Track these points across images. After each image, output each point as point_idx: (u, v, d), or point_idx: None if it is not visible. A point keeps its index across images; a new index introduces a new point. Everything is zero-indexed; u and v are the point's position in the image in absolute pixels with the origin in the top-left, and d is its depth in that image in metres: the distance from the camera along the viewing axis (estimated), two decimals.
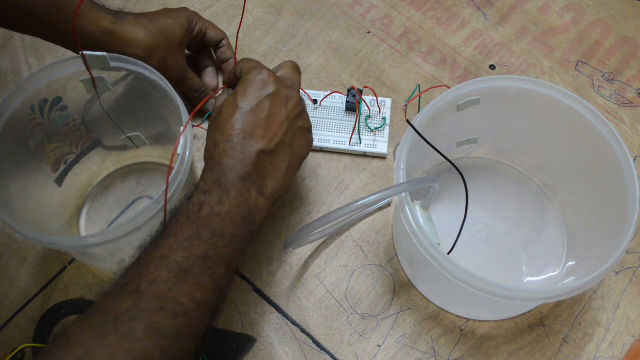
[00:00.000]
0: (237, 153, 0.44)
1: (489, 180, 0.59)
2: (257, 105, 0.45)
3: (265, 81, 0.46)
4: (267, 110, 0.46)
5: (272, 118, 0.46)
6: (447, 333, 0.53)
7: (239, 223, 0.42)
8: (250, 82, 0.46)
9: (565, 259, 0.55)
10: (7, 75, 0.65)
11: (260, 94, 0.46)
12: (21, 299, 0.54)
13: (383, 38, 0.67)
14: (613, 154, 0.47)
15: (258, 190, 0.44)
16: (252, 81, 0.46)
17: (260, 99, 0.46)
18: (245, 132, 0.45)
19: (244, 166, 0.44)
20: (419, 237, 0.43)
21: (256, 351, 0.52)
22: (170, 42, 0.56)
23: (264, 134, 0.45)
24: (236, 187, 0.43)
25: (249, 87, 0.46)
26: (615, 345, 0.52)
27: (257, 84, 0.46)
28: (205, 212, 0.41)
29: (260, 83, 0.46)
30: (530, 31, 0.68)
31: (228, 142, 0.44)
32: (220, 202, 0.42)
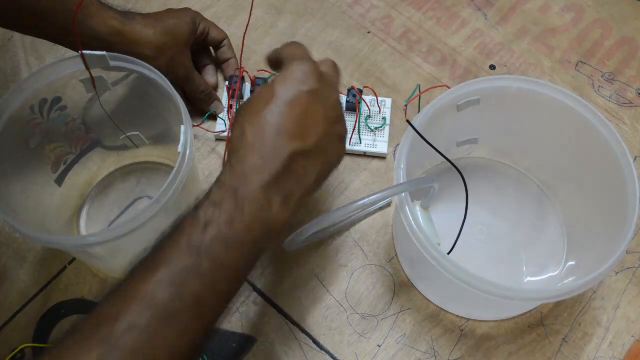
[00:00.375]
0: (267, 150, 0.38)
1: (489, 180, 0.59)
2: (295, 99, 0.40)
3: (307, 74, 0.41)
4: (305, 106, 0.40)
5: (310, 116, 0.40)
6: (447, 333, 0.53)
7: (248, 249, 0.37)
8: (291, 72, 0.41)
9: (565, 259, 0.55)
10: (7, 75, 0.65)
11: (300, 87, 0.40)
12: (21, 299, 0.54)
13: (383, 38, 0.67)
14: (613, 154, 0.47)
15: (283, 199, 0.38)
16: (294, 71, 0.41)
17: (299, 92, 0.40)
18: (280, 126, 0.39)
19: (272, 167, 0.38)
20: (419, 237, 0.43)
21: (256, 351, 0.52)
22: (177, 42, 0.56)
23: (300, 132, 0.39)
24: (255, 200, 0.37)
25: (289, 77, 0.41)
26: (615, 345, 0.52)
27: (298, 75, 0.41)
28: (210, 234, 0.35)
29: (302, 75, 0.41)
30: (530, 31, 0.68)
31: (257, 135, 0.39)
32: (230, 221, 0.36)
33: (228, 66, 0.64)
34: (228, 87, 0.61)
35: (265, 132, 0.39)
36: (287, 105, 0.40)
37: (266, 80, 0.62)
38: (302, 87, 0.40)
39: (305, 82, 0.41)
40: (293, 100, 0.40)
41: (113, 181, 0.59)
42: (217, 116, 0.61)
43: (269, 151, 0.38)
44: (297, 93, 0.40)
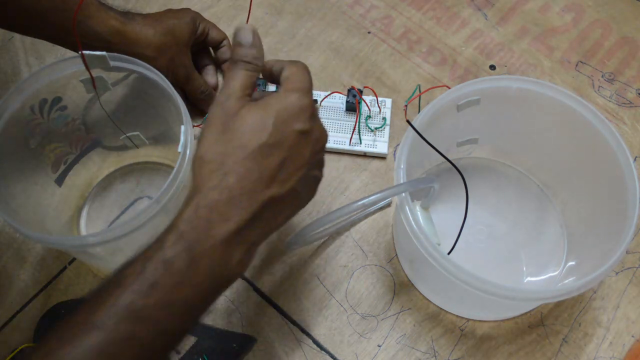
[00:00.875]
0: (243, 197, 0.34)
1: (489, 180, 0.59)
2: (286, 138, 0.36)
3: (305, 111, 0.37)
4: (293, 147, 0.36)
5: (295, 159, 0.37)
6: (447, 333, 0.53)
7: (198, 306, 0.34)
8: (290, 104, 0.37)
9: (565, 259, 0.55)
10: (7, 75, 0.65)
11: (294, 125, 0.36)
12: (21, 299, 0.54)
13: (383, 38, 0.67)
14: (613, 154, 0.47)
15: (245, 250, 0.35)
16: (293, 105, 0.37)
17: (291, 130, 0.36)
18: (264, 169, 0.35)
19: (241, 216, 0.34)
20: (419, 237, 0.43)
21: (256, 351, 0.52)
22: (178, 42, 0.56)
23: (281, 177, 0.36)
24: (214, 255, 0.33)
25: (285, 111, 0.36)
26: (615, 345, 0.52)
27: (295, 111, 0.37)
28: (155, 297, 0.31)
29: (297, 111, 0.37)
30: (530, 31, 0.68)
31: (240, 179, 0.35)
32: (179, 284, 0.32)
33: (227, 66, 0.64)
34: None
35: (248, 176, 0.35)
36: (276, 146, 0.36)
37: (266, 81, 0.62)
38: (296, 125, 0.37)
39: (300, 120, 0.37)
40: (284, 139, 0.36)
41: (113, 181, 0.59)
42: None
43: (244, 198, 0.34)
44: (290, 131, 0.36)
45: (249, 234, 0.35)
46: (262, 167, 0.35)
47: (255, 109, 0.36)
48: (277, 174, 0.36)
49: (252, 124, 0.36)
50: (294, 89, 0.38)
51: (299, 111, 0.37)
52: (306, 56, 0.66)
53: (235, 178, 0.35)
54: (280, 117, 0.36)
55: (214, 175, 0.35)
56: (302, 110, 0.37)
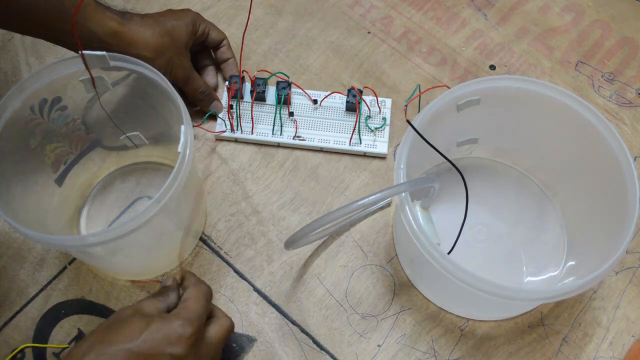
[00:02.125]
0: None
1: (489, 180, 0.59)
2: (151, 356, 0.38)
3: (181, 339, 0.39)
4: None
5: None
6: (447, 333, 0.53)
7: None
8: (168, 329, 0.40)
9: (565, 259, 0.55)
10: (7, 75, 0.65)
11: (165, 348, 0.39)
12: (21, 299, 0.54)
13: (383, 38, 0.67)
14: (613, 154, 0.47)
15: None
16: (171, 330, 0.40)
17: (160, 352, 0.39)
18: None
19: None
20: (419, 237, 0.43)
21: (256, 351, 0.52)
22: (176, 44, 0.56)
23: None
24: None
25: (162, 332, 0.39)
26: (615, 345, 0.52)
27: (171, 335, 0.39)
28: None
29: (175, 337, 0.39)
30: (530, 31, 0.68)
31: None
32: None
33: (227, 66, 0.64)
34: (228, 87, 0.61)
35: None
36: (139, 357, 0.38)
37: (266, 81, 0.62)
38: (167, 348, 0.39)
39: (173, 345, 0.39)
40: (149, 355, 0.38)
41: (113, 181, 0.59)
42: (217, 116, 0.61)
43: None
44: (158, 350, 0.39)
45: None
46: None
47: (140, 319, 0.40)
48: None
49: (130, 329, 0.39)
50: (181, 315, 0.41)
51: (177, 337, 0.39)
52: (306, 56, 0.66)
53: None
54: (157, 335, 0.39)
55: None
56: (180, 337, 0.40)
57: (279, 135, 0.61)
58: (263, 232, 0.57)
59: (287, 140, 0.60)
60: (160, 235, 0.52)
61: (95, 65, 0.48)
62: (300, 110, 0.62)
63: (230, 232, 0.57)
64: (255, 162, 0.60)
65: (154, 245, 0.53)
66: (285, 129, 0.61)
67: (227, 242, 0.57)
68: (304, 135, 0.61)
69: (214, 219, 0.58)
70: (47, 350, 0.52)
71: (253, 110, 0.61)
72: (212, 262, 0.56)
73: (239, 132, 0.61)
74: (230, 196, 0.59)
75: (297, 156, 0.61)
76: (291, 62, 0.66)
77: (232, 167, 0.60)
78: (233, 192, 0.59)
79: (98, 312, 0.54)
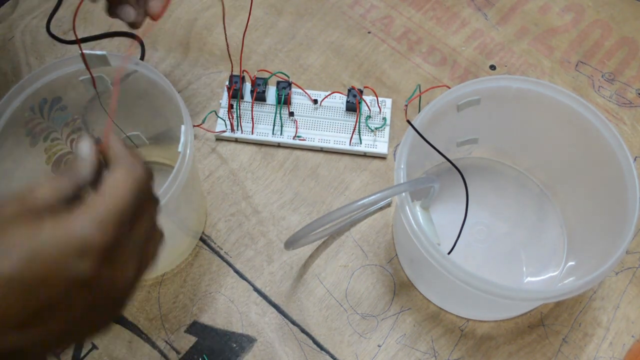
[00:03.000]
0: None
1: (489, 180, 0.59)
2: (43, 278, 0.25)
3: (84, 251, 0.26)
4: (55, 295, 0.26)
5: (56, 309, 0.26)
6: (447, 333, 0.53)
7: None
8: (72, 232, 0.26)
9: (565, 259, 0.55)
10: (7, 75, 0.65)
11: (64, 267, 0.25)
12: None
13: (383, 38, 0.67)
14: (613, 154, 0.47)
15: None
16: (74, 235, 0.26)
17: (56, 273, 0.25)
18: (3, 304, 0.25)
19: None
20: (419, 237, 0.43)
21: (256, 351, 0.52)
22: None
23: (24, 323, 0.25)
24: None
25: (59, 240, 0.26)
26: (615, 346, 0.52)
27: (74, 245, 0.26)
28: None
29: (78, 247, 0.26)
30: (530, 31, 0.68)
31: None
32: None
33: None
34: (228, 86, 0.61)
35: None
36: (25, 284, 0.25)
37: (266, 81, 0.62)
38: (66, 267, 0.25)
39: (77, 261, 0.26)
40: (39, 280, 0.25)
41: None
42: (218, 116, 0.61)
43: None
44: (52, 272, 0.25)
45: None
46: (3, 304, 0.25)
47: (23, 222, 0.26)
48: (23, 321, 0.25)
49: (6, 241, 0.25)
50: (89, 212, 0.27)
51: (81, 249, 0.26)
52: (306, 56, 0.66)
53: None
54: (49, 249, 0.25)
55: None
56: (85, 250, 0.26)
57: (279, 135, 0.61)
58: (263, 232, 0.57)
59: (287, 140, 0.60)
60: None
61: (95, 65, 0.48)
62: (301, 110, 0.62)
63: (230, 232, 0.57)
64: (256, 162, 0.60)
65: None
66: (286, 129, 0.61)
67: (227, 242, 0.57)
68: (304, 135, 0.61)
69: (214, 219, 0.58)
70: None
71: (253, 110, 0.61)
72: (212, 262, 0.56)
73: (239, 132, 0.61)
74: (230, 196, 0.59)
75: (297, 156, 0.61)
76: (291, 62, 0.66)
77: (232, 167, 0.60)
78: (233, 192, 0.59)
79: None
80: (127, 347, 0.52)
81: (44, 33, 0.67)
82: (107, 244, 0.26)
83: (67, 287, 0.26)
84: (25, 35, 0.67)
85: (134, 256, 0.29)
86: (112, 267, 0.27)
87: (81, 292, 0.26)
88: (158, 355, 0.52)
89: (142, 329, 0.53)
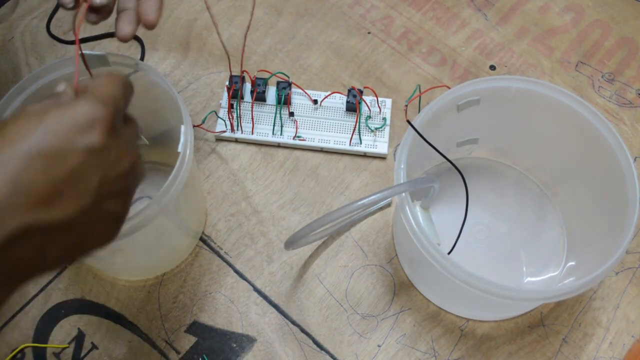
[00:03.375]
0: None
1: (489, 180, 0.59)
2: (59, 152, 0.28)
3: (95, 122, 0.29)
4: (70, 166, 0.28)
5: (72, 182, 0.28)
6: (447, 333, 0.53)
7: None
8: (74, 114, 0.29)
9: (565, 259, 0.55)
10: (7, 75, 0.65)
11: (75, 140, 0.29)
12: (21, 299, 0.54)
13: (383, 38, 0.67)
14: (613, 154, 0.47)
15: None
16: (78, 115, 0.29)
17: (70, 146, 0.28)
18: (16, 184, 0.27)
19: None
20: (419, 237, 0.43)
21: (256, 351, 0.52)
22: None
23: (48, 198, 0.28)
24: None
25: (66, 119, 0.29)
26: (615, 346, 0.52)
27: (79, 122, 0.29)
28: None
29: (85, 123, 0.29)
30: (530, 31, 0.68)
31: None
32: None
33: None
34: (228, 86, 0.61)
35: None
36: (43, 156, 0.28)
37: (266, 81, 0.62)
38: (78, 139, 0.29)
39: (85, 134, 0.29)
40: (55, 152, 0.28)
41: None
42: (218, 116, 0.61)
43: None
44: (66, 144, 0.28)
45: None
46: (20, 182, 0.27)
47: (28, 114, 0.29)
48: (46, 194, 0.27)
49: (18, 127, 0.28)
50: (88, 97, 0.30)
51: (87, 123, 0.29)
52: (306, 56, 0.66)
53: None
54: (58, 126, 0.28)
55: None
56: (91, 122, 0.29)
57: (279, 135, 0.61)
58: (263, 232, 0.57)
59: (287, 140, 0.60)
60: (160, 235, 0.52)
61: (95, 65, 0.48)
62: (301, 110, 0.62)
63: (230, 232, 0.57)
64: (255, 162, 0.60)
65: (154, 245, 0.53)
66: (286, 129, 0.61)
67: (227, 242, 0.57)
68: (304, 135, 0.61)
69: (214, 219, 0.58)
70: (47, 350, 0.52)
71: (253, 110, 0.61)
72: (212, 262, 0.56)
73: (239, 132, 0.61)
74: (230, 196, 0.59)
75: (297, 156, 0.61)
76: (291, 62, 0.66)
77: (232, 167, 0.60)
78: (233, 192, 0.59)
79: (98, 312, 0.54)
80: (127, 347, 0.52)
81: (44, 33, 0.67)
82: (110, 117, 0.30)
83: (81, 157, 0.29)
84: (25, 36, 0.67)
85: (130, 149, 0.32)
86: (117, 141, 0.31)
87: (94, 162, 0.29)
88: (158, 355, 0.52)
89: (142, 329, 0.53)
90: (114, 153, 0.30)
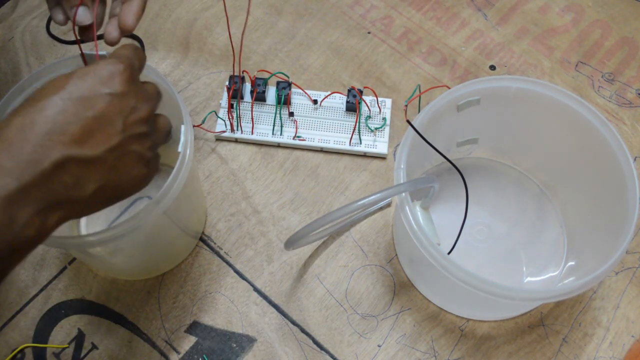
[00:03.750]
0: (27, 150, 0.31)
1: (489, 180, 0.59)
2: (88, 97, 0.34)
3: (115, 74, 0.35)
4: (98, 109, 0.34)
5: (102, 122, 0.34)
6: (447, 333, 0.53)
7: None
8: (96, 67, 0.35)
9: (565, 259, 0.55)
10: (7, 75, 0.65)
11: (100, 87, 0.34)
12: (21, 299, 0.54)
13: (383, 38, 0.67)
14: (613, 154, 0.47)
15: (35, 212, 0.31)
16: (99, 68, 0.35)
17: (96, 91, 0.34)
18: (55, 123, 0.32)
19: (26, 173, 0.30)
20: (419, 237, 0.43)
21: (256, 351, 0.52)
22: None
23: (81, 136, 0.33)
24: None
25: (90, 73, 0.35)
26: (615, 345, 0.52)
27: (102, 73, 0.35)
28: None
29: (107, 74, 0.35)
30: (530, 31, 0.68)
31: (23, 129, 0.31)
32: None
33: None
34: (228, 86, 0.61)
35: (34, 126, 0.31)
36: (75, 102, 0.33)
37: (266, 81, 0.62)
38: (102, 88, 0.34)
39: (108, 83, 0.35)
40: (84, 98, 0.34)
41: None
42: (218, 116, 0.61)
43: (28, 152, 0.31)
44: (93, 91, 0.34)
45: (39, 195, 0.31)
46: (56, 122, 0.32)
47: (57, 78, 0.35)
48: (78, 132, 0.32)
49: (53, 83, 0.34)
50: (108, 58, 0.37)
51: (108, 74, 0.35)
52: (306, 56, 0.66)
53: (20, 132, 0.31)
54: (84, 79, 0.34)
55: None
56: (111, 73, 0.35)
57: (279, 135, 0.61)
58: (263, 232, 0.57)
59: (287, 140, 0.60)
60: (160, 235, 0.52)
61: None
62: (300, 111, 0.62)
63: (230, 232, 0.57)
64: (255, 162, 0.60)
65: (154, 245, 0.53)
66: (285, 129, 0.61)
67: (227, 242, 0.57)
68: (304, 135, 0.61)
69: (214, 219, 0.58)
70: (47, 350, 0.52)
71: (253, 110, 0.61)
72: (212, 262, 0.56)
73: (239, 132, 0.61)
74: (230, 196, 0.59)
75: (297, 156, 0.61)
76: (291, 62, 0.66)
77: (232, 167, 0.60)
78: (233, 192, 0.59)
79: (98, 312, 0.54)
80: (127, 347, 0.52)
81: (44, 33, 0.67)
82: (127, 70, 0.36)
83: (106, 101, 0.34)
84: (25, 36, 0.67)
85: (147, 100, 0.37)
86: (135, 90, 0.36)
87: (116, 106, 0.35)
88: (158, 355, 0.52)
89: (142, 329, 0.53)
90: (133, 100, 0.36)
